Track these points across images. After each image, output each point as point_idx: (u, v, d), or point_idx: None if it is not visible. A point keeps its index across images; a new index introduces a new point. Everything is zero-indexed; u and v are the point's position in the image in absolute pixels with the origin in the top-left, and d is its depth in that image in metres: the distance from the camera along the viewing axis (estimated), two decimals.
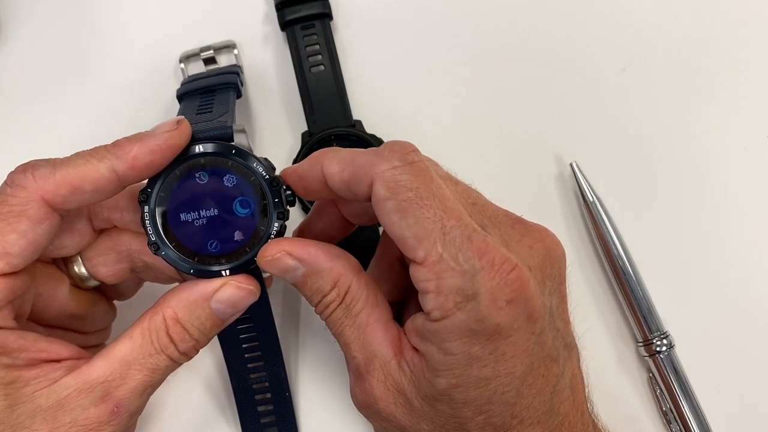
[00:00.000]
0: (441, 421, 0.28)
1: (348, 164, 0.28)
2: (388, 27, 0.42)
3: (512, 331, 0.27)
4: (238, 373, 0.36)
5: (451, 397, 0.27)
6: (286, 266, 0.29)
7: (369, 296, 0.29)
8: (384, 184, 0.27)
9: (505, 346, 0.27)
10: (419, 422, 0.28)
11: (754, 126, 0.41)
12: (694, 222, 0.40)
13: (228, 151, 0.29)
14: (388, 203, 0.27)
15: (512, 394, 0.27)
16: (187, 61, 0.41)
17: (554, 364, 0.28)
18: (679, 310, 0.38)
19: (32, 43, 0.42)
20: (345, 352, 0.30)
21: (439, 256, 0.26)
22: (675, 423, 0.37)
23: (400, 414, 0.29)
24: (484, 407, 0.27)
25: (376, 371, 0.29)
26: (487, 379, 0.27)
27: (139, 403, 0.28)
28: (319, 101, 0.39)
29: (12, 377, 0.27)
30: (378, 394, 0.29)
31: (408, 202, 0.27)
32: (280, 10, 0.40)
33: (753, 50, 0.42)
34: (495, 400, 0.27)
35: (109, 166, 0.27)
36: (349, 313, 0.29)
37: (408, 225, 0.27)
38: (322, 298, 0.29)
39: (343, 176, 0.28)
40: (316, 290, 0.29)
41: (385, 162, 0.27)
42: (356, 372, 0.30)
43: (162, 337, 0.28)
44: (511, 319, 0.26)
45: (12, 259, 0.27)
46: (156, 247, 0.29)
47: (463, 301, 0.26)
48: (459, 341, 0.27)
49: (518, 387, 0.27)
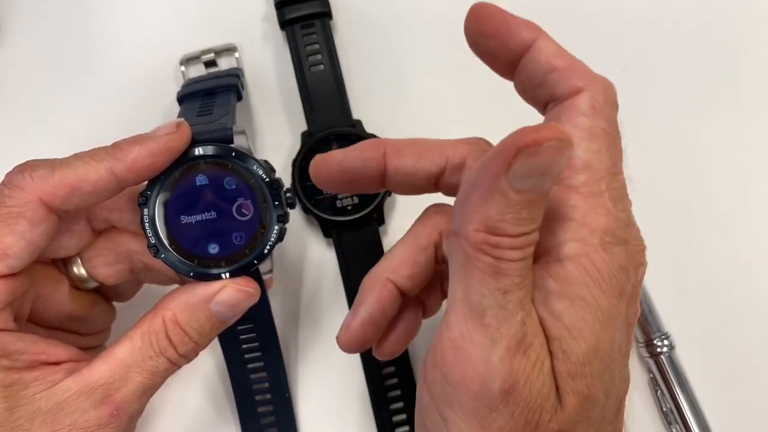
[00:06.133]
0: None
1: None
2: (388, 27, 0.42)
3: (627, 298, 0.24)
4: (238, 374, 0.36)
5: (590, 362, 0.23)
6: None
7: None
8: (592, 99, 0.25)
9: (623, 308, 0.24)
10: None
11: (754, 126, 0.41)
12: (694, 222, 0.40)
13: (228, 154, 0.28)
14: (581, 118, 0.25)
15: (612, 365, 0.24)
16: (187, 63, 0.41)
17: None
18: (680, 311, 0.38)
19: (32, 43, 0.42)
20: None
21: (600, 192, 0.24)
22: (676, 424, 0.37)
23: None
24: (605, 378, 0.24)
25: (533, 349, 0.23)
26: (611, 341, 0.24)
27: (138, 406, 0.28)
28: (318, 101, 0.39)
29: (12, 379, 0.27)
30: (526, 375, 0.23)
31: (601, 130, 0.25)
32: (279, 9, 0.40)
33: (753, 50, 0.41)
34: (607, 375, 0.24)
35: (108, 167, 0.27)
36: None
37: (587, 148, 0.24)
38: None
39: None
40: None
41: (601, 80, 0.25)
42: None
43: (162, 340, 0.28)
44: (635, 288, 0.24)
45: (11, 261, 0.27)
46: (156, 250, 0.29)
47: (612, 242, 0.24)
48: (596, 288, 0.23)
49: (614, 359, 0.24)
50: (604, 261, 0.23)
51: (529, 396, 0.23)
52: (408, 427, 0.37)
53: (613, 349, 0.24)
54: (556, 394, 0.23)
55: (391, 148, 0.28)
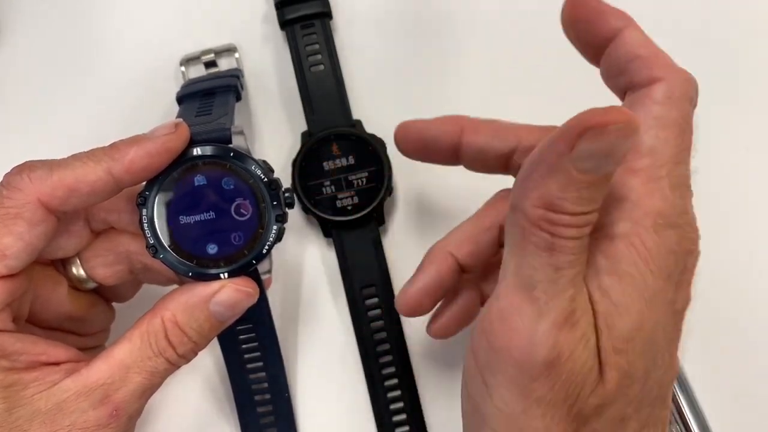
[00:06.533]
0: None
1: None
2: (388, 27, 0.42)
3: (675, 283, 0.24)
4: (238, 374, 0.36)
5: (633, 339, 0.24)
6: None
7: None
8: (668, 89, 0.25)
9: (671, 292, 0.24)
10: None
11: (754, 126, 0.40)
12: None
13: (226, 154, 0.28)
14: (655, 106, 0.25)
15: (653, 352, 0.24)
16: (187, 64, 0.41)
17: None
18: None
19: (32, 43, 0.42)
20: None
21: (660, 177, 0.24)
22: (675, 423, 0.37)
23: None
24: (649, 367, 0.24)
25: (580, 324, 0.23)
26: (656, 322, 0.24)
27: (138, 406, 0.28)
28: (318, 101, 0.39)
29: (11, 380, 0.27)
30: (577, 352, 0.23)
31: (672, 120, 0.25)
32: (279, 9, 0.40)
33: (753, 50, 0.41)
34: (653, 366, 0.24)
35: (106, 168, 0.27)
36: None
37: (655, 135, 0.24)
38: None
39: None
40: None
41: (681, 72, 0.26)
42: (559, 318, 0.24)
43: (161, 340, 0.28)
44: (684, 275, 0.25)
45: (9, 262, 0.27)
46: (154, 250, 0.29)
47: (664, 224, 0.24)
48: (645, 267, 0.23)
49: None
50: (654, 242, 0.24)
51: (572, 369, 0.23)
52: (408, 427, 0.37)
53: (657, 331, 0.24)
54: (599, 370, 0.23)
55: (469, 124, 0.30)
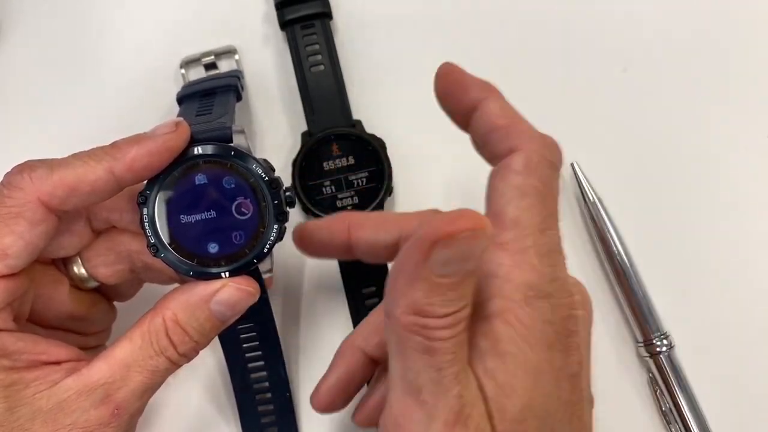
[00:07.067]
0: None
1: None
2: (388, 27, 0.42)
3: (561, 350, 0.25)
4: (239, 373, 0.36)
5: (526, 419, 0.23)
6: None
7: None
8: (525, 158, 0.25)
9: (558, 360, 0.24)
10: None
11: (754, 126, 0.40)
12: (694, 222, 0.40)
13: (227, 153, 0.28)
14: (514, 176, 0.25)
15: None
16: (187, 66, 0.41)
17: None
18: (680, 310, 0.38)
19: (32, 43, 0.42)
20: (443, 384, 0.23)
21: (526, 248, 0.25)
22: (675, 423, 0.37)
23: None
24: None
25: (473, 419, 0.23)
26: (547, 395, 0.24)
27: (139, 405, 0.28)
28: (318, 101, 0.39)
29: (12, 379, 0.27)
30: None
31: (533, 188, 0.25)
32: (279, 9, 0.40)
33: (754, 50, 0.41)
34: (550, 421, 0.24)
35: (107, 167, 0.27)
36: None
37: (517, 205, 0.25)
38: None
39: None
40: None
41: (538, 139, 0.26)
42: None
43: (162, 339, 0.28)
44: (569, 339, 0.25)
45: (10, 261, 0.27)
46: (155, 249, 0.29)
47: (535, 296, 0.24)
48: (523, 343, 0.24)
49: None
50: (528, 315, 0.24)
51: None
52: None
53: (550, 403, 0.24)
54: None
55: (355, 220, 0.31)
